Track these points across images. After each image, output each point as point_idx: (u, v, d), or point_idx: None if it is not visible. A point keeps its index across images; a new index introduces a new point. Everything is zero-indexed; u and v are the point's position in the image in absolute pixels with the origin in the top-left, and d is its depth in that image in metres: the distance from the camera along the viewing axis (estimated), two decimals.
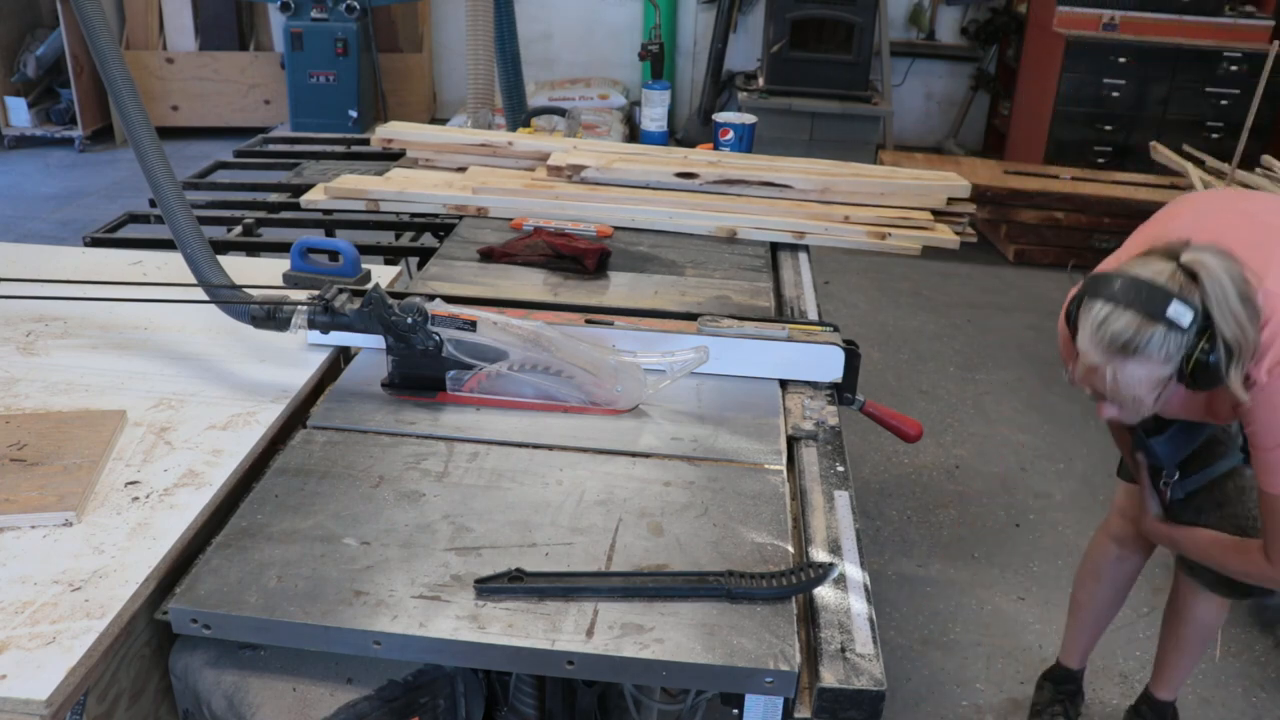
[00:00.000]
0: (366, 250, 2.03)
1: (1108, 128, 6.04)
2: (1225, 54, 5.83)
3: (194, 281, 1.60)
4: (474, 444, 1.41)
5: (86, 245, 2.15)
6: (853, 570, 1.19)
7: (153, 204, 2.23)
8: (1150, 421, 1.81)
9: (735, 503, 1.31)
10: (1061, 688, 2.39)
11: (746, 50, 6.93)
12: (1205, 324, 1.46)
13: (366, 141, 2.89)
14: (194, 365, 1.59)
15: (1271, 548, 1.66)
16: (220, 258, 1.62)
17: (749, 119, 2.84)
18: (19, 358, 1.58)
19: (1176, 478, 1.86)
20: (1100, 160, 6.06)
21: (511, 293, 1.89)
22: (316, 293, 1.56)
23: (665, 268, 2.07)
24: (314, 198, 2.36)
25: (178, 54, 6.54)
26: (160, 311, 1.74)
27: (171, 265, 1.93)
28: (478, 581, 1.12)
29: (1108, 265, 1.64)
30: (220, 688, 1.09)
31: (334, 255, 1.86)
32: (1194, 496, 1.87)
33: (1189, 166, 4.12)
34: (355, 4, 5.78)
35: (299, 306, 1.54)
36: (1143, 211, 2.29)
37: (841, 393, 1.64)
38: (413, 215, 2.35)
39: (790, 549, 1.23)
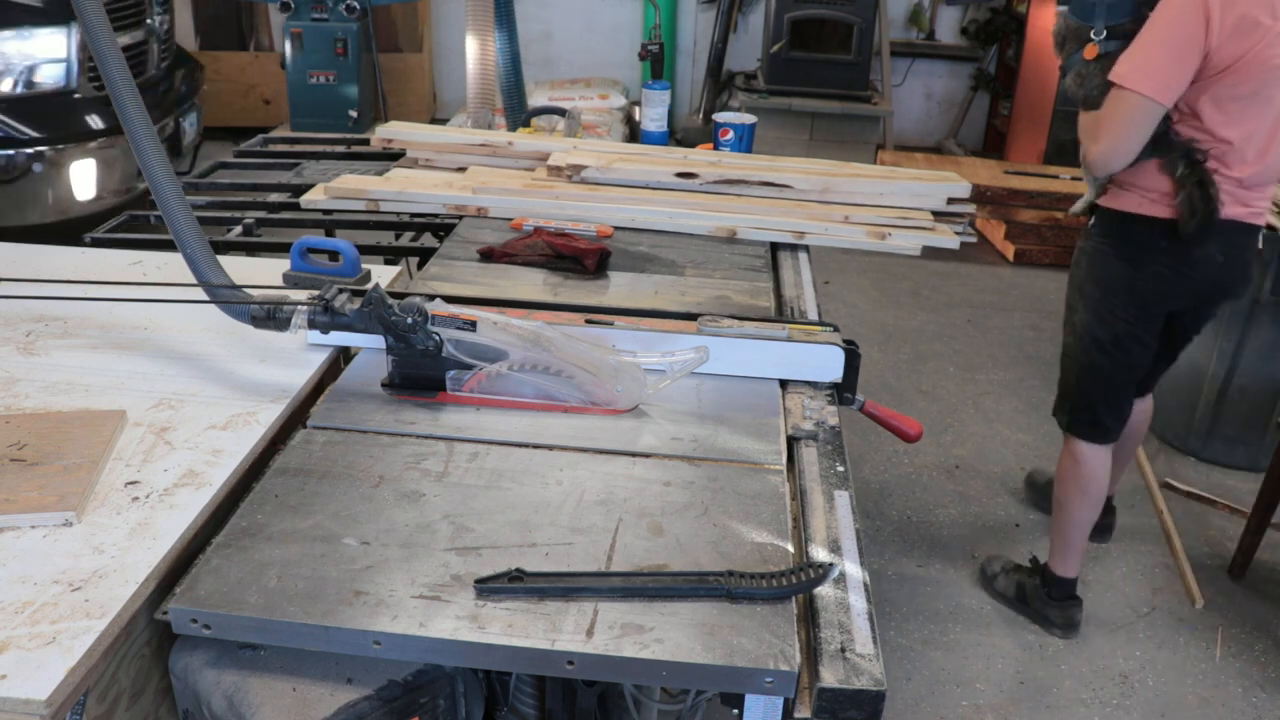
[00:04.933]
0: (366, 250, 2.03)
1: None
2: None
3: (194, 281, 1.60)
4: (474, 444, 1.41)
5: (86, 245, 2.15)
6: (853, 570, 1.19)
7: (153, 204, 2.23)
8: None
9: (735, 503, 1.31)
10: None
11: (746, 50, 6.93)
12: None
13: (366, 141, 2.89)
14: (194, 365, 1.59)
15: (1096, 125, 2.25)
16: (220, 258, 1.62)
17: (749, 119, 2.84)
18: (19, 358, 1.58)
19: (1104, 35, 2.25)
20: None
21: (511, 293, 1.89)
22: (316, 293, 1.56)
23: (665, 268, 2.07)
24: (314, 198, 2.36)
25: None
26: (160, 311, 1.74)
27: (171, 265, 1.93)
28: (478, 581, 1.12)
29: None
30: (220, 688, 1.09)
31: (334, 255, 1.86)
32: (1065, 77, 2.37)
33: None
34: (355, 4, 5.78)
35: (299, 306, 1.55)
36: None
37: (841, 393, 1.64)
38: (413, 215, 2.35)
39: (790, 549, 1.23)
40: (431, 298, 1.54)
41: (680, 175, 2.39)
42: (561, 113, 3.15)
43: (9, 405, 1.44)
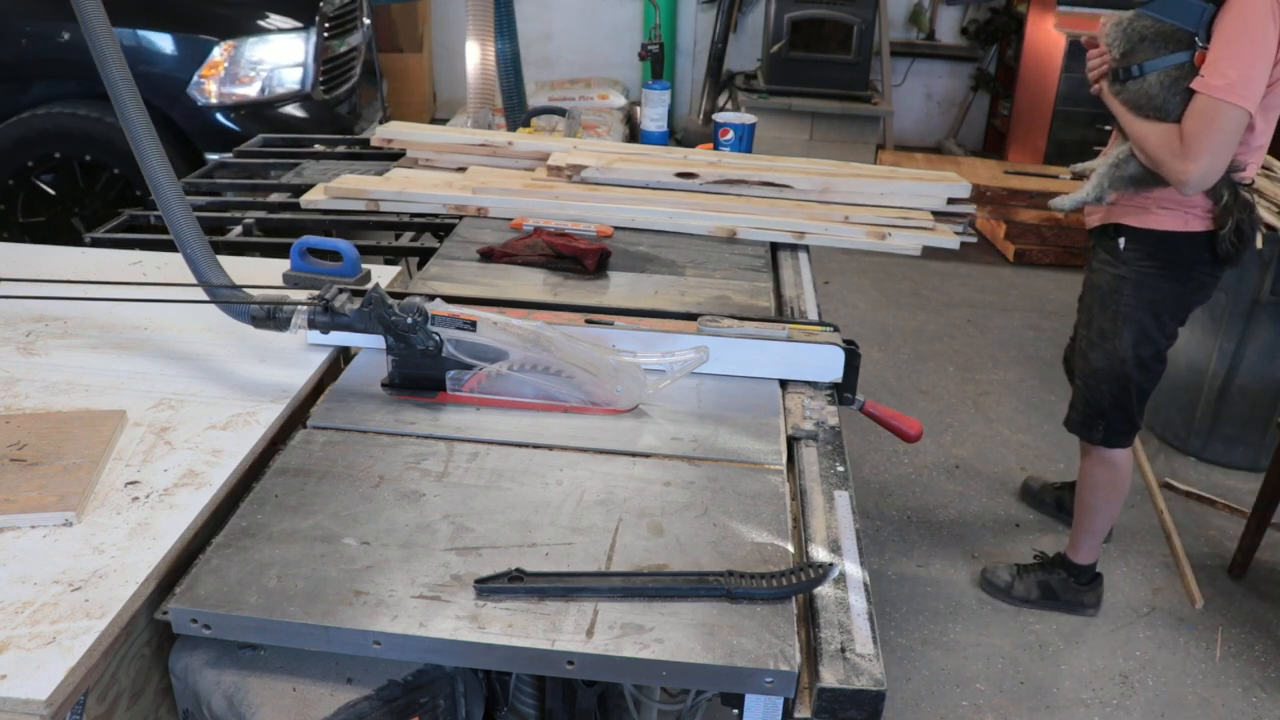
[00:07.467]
0: (366, 250, 2.03)
1: (1108, 128, 6.01)
2: None
3: (194, 281, 1.60)
4: (474, 444, 1.41)
5: (87, 245, 2.15)
6: (853, 570, 1.19)
7: (153, 204, 2.22)
8: None
9: (735, 503, 1.31)
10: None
11: (746, 50, 6.93)
12: None
13: (366, 141, 2.89)
14: (194, 365, 1.59)
15: (1188, 141, 2.12)
16: (220, 258, 1.62)
17: (749, 119, 2.84)
18: (19, 358, 1.58)
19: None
20: None
21: (511, 293, 1.89)
22: (316, 293, 1.56)
23: (665, 268, 2.07)
24: (314, 198, 2.35)
25: None
26: (160, 311, 1.74)
27: (171, 265, 1.93)
28: (478, 581, 1.12)
29: None
30: (220, 688, 1.09)
31: (334, 255, 1.86)
32: (1145, 77, 2.23)
33: None
34: None
35: (299, 306, 1.54)
36: None
37: (841, 393, 1.64)
38: (413, 215, 2.35)
39: (790, 549, 1.23)
40: (431, 298, 1.54)
41: (680, 175, 2.39)
42: (561, 113, 3.15)
43: (9, 405, 1.44)
